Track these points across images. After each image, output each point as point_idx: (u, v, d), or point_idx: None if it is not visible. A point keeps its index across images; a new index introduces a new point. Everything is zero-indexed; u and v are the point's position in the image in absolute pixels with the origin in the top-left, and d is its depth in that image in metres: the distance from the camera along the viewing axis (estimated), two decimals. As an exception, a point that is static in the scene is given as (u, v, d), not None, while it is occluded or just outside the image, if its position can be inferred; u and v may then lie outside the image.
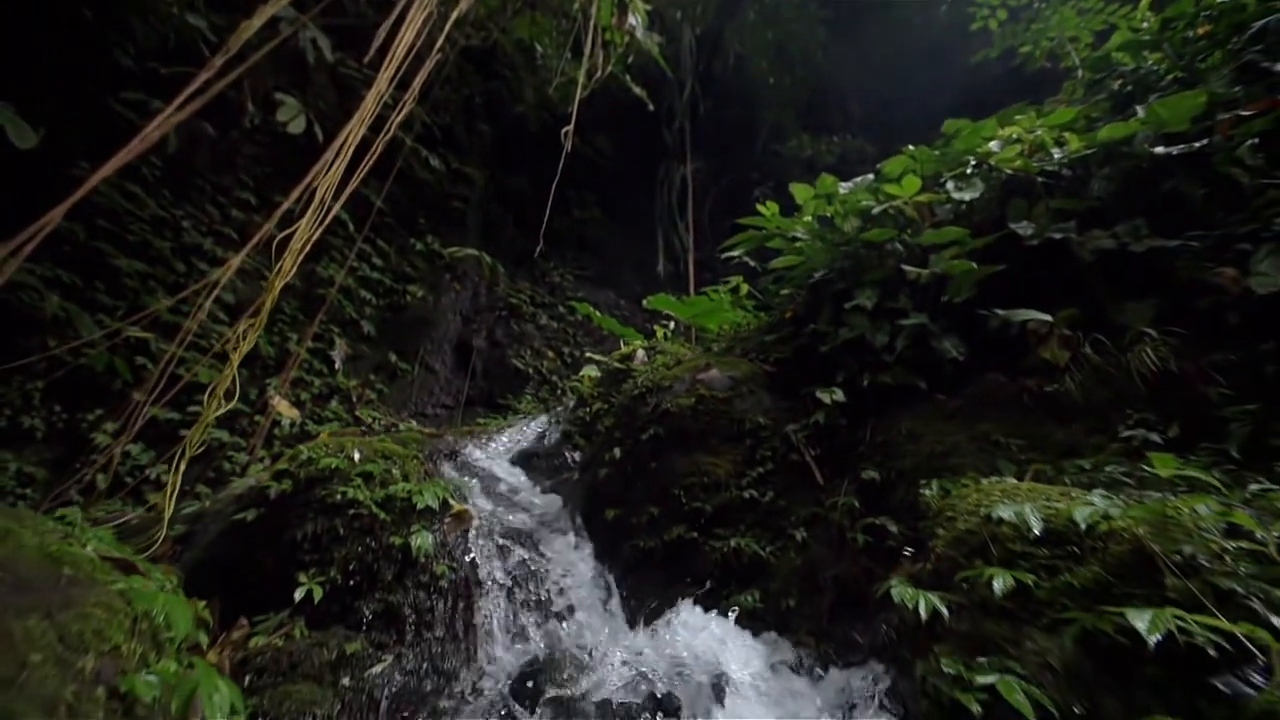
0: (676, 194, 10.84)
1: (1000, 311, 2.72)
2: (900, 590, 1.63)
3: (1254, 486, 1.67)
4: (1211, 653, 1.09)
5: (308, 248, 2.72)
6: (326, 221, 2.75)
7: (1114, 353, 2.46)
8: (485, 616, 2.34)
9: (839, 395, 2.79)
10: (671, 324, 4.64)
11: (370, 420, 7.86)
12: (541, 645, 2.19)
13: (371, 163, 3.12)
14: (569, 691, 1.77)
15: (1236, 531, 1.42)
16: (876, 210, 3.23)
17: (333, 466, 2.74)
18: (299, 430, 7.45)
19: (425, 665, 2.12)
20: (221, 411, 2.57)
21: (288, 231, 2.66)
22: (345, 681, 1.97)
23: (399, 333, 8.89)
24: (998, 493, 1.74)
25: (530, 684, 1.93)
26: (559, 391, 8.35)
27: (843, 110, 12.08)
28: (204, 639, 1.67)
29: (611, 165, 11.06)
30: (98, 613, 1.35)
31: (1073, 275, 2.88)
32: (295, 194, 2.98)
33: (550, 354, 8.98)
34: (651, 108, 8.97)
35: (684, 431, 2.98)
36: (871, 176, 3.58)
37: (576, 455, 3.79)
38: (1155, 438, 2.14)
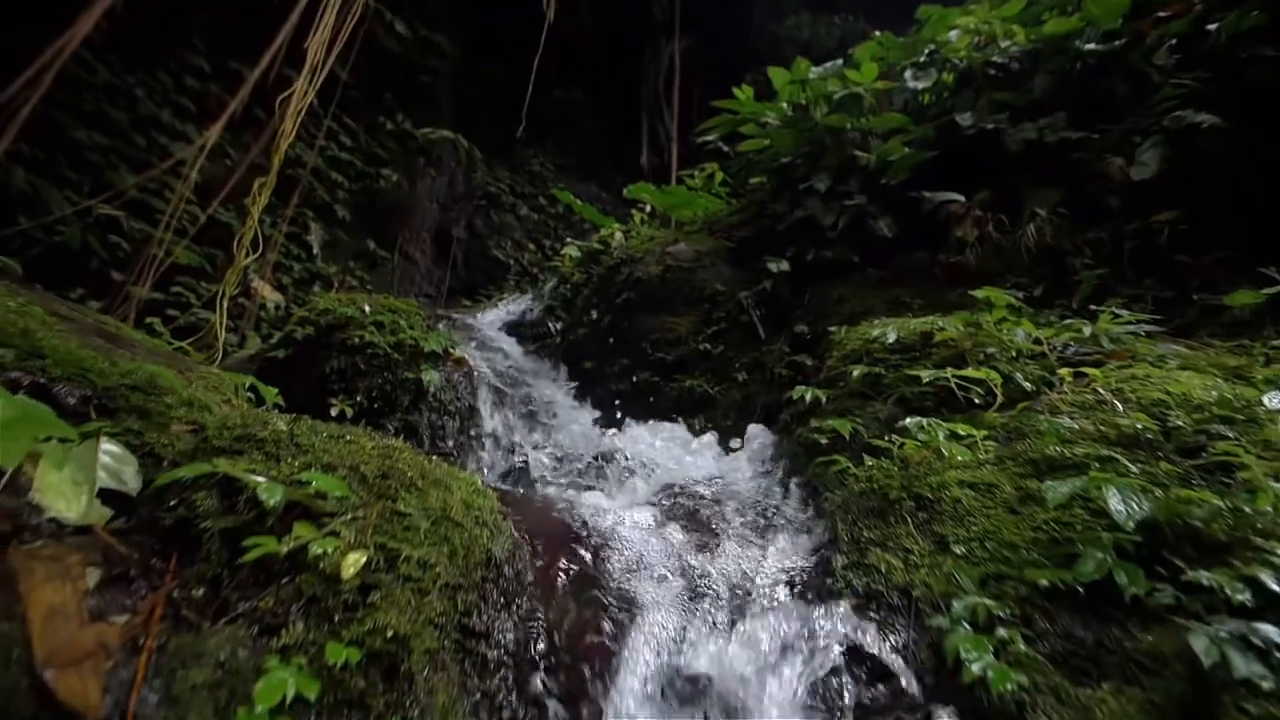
0: (664, 76, 10.57)
1: (928, 194, 3.25)
2: (799, 390, 2.33)
3: (1068, 320, 2.35)
4: (959, 392, 1.80)
5: (304, 109, 3.05)
6: (319, 82, 3.04)
7: (1010, 231, 3.06)
8: (486, 432, 3.07)
9: (785, 266, 3.37)
10: (648, 208, 5.06)
11: (355, 304, 8.29)
12: (531, 450, 2.93)
13: (356, 16, 3.32)
14: (552, 461, 2.52)
15: (1038, 341, 2.11)
16: (838, 96, 3.60)
17: (348, 315, 3.30)
18: (284, 313, 7.90)
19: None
20: (251, 260, 3.05)
21: (287, 92, 2.97)
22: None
23: (375, 219, 9.05)
24: (879, 325, 2.40)
25: (523, 472, 2.67)
26: (540, 282, 8.84)
27: (849, -15, 11.46)
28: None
29: (595, 42, 10.59)
30: (214, 376, 1.96)
31: (1000, 164, 3.39)
32: (271, 52, 3.19)
33: (531, 246, 9.31)
34: (639, -26, 8.52)
35: (652, 296, 3.58)
36: (841, 61, 3.89)
37: (558, 325, 4.40)
38: (1022, 294, 2.81)
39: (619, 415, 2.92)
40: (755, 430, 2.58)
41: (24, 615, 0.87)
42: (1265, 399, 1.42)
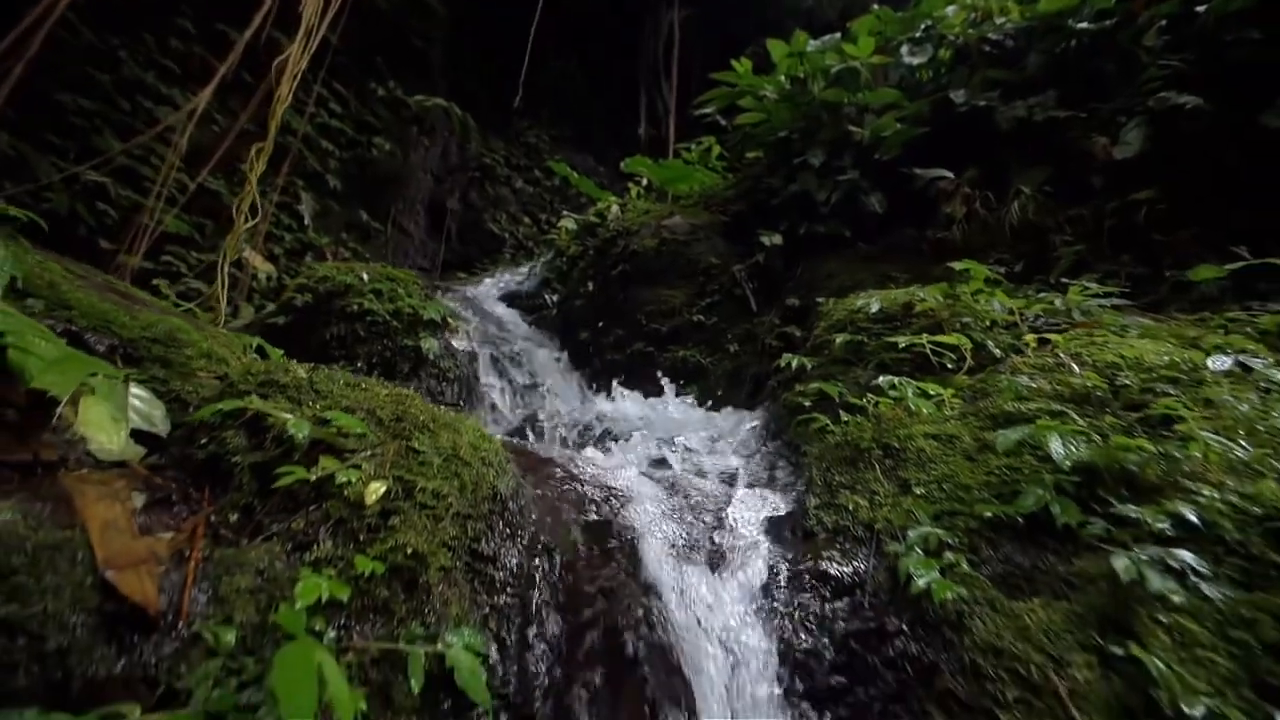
0: (663, 47, 10.43)
1: (919, 170, 3.35)
2: (786, 358, 2.46)
3: (1042, 293, 2.48)
4: (933, 357, 1.94)
5: (300, 72, 3.07)
6: (315, 45, 3.06)
7: (996, 208, 3.16)
8: (484, 398, 3.19)
9: (778, 240, 3.47)
10: (645, 182, 5.11)
11: (350, 276, 8.32)
12: (529, 415, 3.06)
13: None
14: (550, 424, 2.65)
15: (1012, 312, 2.24)
16: (835, 70, 3.66)
17: (347, 283, 3.38)
18: (276, 284, 7.92)
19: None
20: (250, 225, 3.11)
21: (284, 55, 3.00)
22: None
23: (367, 189, 9.00)
24: (864, 296, 2.52)
25: (522, 434, 2.80)
26: (536, 255, 8.88)
27: (854, -46, 11.26)
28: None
29: (593, 11, 10.41)
30: (223, 335, 2.06)
31: (992, 141, 3.47)
32: (263, 12, 3.18)
33: (526, 219, 9.31)
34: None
35: (648, 269, 3.68)
36: (839, 35, 3.92)
37: (554, 297, 4.49)
38: (1004, 270, 2.93)
39: (614, 383, 3.05)
40: (745, 397, 2.72)
41: (83, 525, 0.99)
42: (1209, 362, 1.56)
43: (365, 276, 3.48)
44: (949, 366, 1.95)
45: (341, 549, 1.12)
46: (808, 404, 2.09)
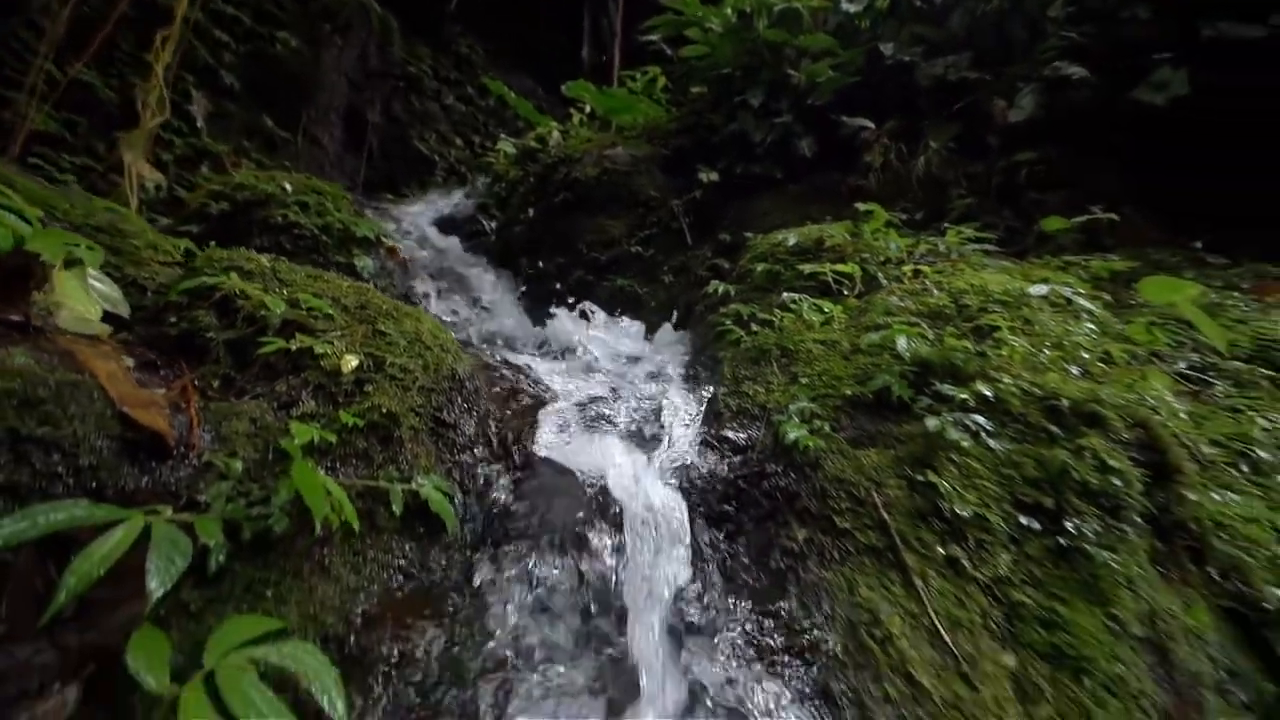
0: (610, -40, 10.02)
1: (846, 119, 3.71)
2: (713, 285, 2.82)
3: (931, 237, 2.97)
4: (834, 284, 2.36)
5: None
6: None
7: (908, 160, 3.62)
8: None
9: (715, 177, 3.77)
10: (588, 109, 5.16)
11: (256, 190, 7.82)
12: (472, 333, 3.28)
13: None
14: (494, 344, 2.90)
15: (902, 250, 2.70)
16: (778, 9, 3.88)
17: (268, 192, 3.33)
18: (167, 196, 7.28)
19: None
20: (157, 122, 2.98)
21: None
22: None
23: (271, 91, 8.26)
24: (784, 232, 2.90)
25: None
26: (470, 181, 8.67)
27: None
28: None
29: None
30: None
31: (914, 95, 3.89)
32: None
33: (459, 141, 8.97)
34: None
35: (589, 198, 3.87)
36: (786, -27, 4.11)
37: (492, 224, 4.58)
38: (906, 216, 3.41)
39: (554, 309, 3.30)
40: (676, 322, 3.08)
41: (91, 373, 1.18)
42: (1030, 289, 2.06)
43: (288, 187, 3.44)
44: (844, 291, 2.39)
45: (323, 408, 1.37)
46: (728, 323, 2.47)
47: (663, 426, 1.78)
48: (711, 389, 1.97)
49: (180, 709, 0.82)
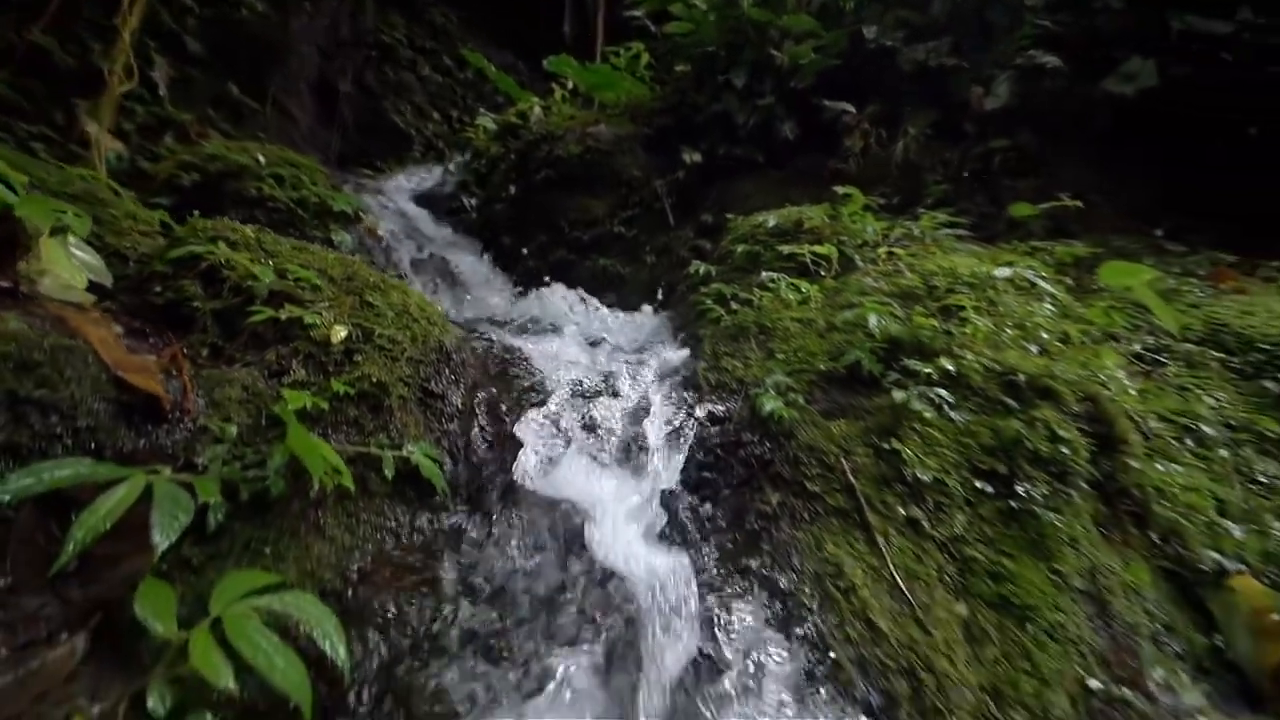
0: (593, -70, 9.80)
1: (828, 102, 3.78)
2: (695, 265, 2.89)
3: (907, 221, 3.08)
4: (812, 265, 2.45)
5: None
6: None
7: (887, 145, 3.71)
8: (404, 295, 3.36)
9: (698, 157, 3.81)
10: (570, 85, 5.13)
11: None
12: (454, 310, 3.30)
13: None
14: (480, 322, 2.93)
15: (878, 233, 2.79)
16: (763, -11, 3.89)
17: (241, 164, 3.28)
18: (130, 166, 7.04)
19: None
20: (126, 89, 2.91)
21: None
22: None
23: (238, 58, 7.97)
24: (765, 214, 2.97)
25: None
26: (448, 157, 8.52)
27: None
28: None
29: None
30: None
31: (896, 79, 3.96)
32: None
33: (436, 115, 8.79)
34: None
35: (572, 176, 3.89)
36: (771, -48, 4.12)
37: (473, 201, 4.56)
38: (884, 201, 3.51)
39: (536, 288, 3.33)
40: (658, 302, 3.14)
41: (84, 338, 1.20)
42: (995, 272, 2.18)
43: (261, 159, 3.39)
44: (822, 272, 2.48)
45: (314, 376, 1.41)
46: (709, 303, 2.55)
47: (649, 398, 1.86)
48: (692, 364, 2.05)
49: (190, 651, 0.88)
